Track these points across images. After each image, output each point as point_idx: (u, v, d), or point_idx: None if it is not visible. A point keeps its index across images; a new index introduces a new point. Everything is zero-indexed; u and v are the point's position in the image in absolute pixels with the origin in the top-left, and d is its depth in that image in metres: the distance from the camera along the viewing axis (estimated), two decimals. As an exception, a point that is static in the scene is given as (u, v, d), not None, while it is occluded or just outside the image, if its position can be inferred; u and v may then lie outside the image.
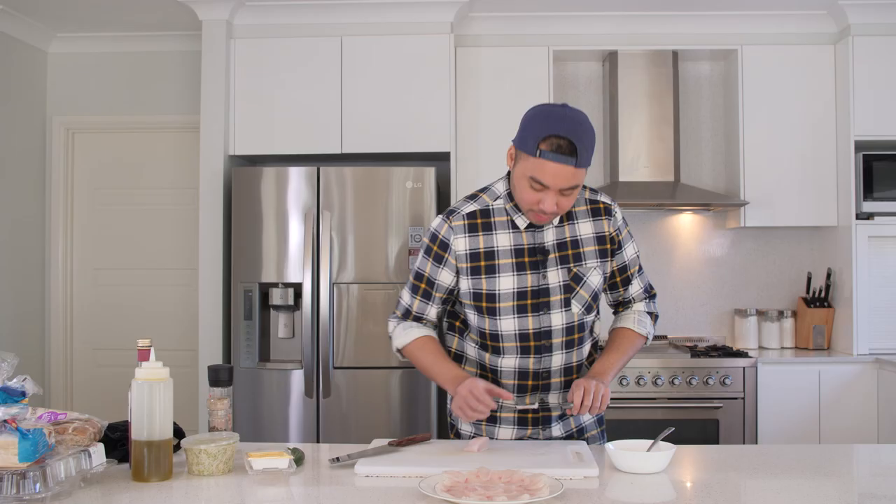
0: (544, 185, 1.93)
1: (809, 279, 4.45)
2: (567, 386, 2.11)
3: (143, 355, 1.80)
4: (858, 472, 1.88)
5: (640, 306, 2.22)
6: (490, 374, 2.13)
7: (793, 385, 3.97)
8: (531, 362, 2.08)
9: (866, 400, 3.97)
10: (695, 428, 3.88)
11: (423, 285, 2.13)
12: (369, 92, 4.15)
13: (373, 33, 4.18)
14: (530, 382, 2.10)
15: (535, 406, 2.07)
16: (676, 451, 1.82)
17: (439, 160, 4.29)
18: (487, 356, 2.12)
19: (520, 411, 2.11)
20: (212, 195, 4.11)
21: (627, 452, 1.75)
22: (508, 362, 2.09)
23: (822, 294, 4.36)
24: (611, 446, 1.80)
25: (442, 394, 4.14)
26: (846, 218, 4.16)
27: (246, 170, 3.98)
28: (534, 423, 2.11)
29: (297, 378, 3.90)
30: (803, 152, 4.26)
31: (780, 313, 4.40)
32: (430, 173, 3.93)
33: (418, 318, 2.16)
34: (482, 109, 4.28)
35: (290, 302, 3.91)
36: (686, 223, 4.63)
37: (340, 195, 3.93)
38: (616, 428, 3.81)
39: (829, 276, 4.33)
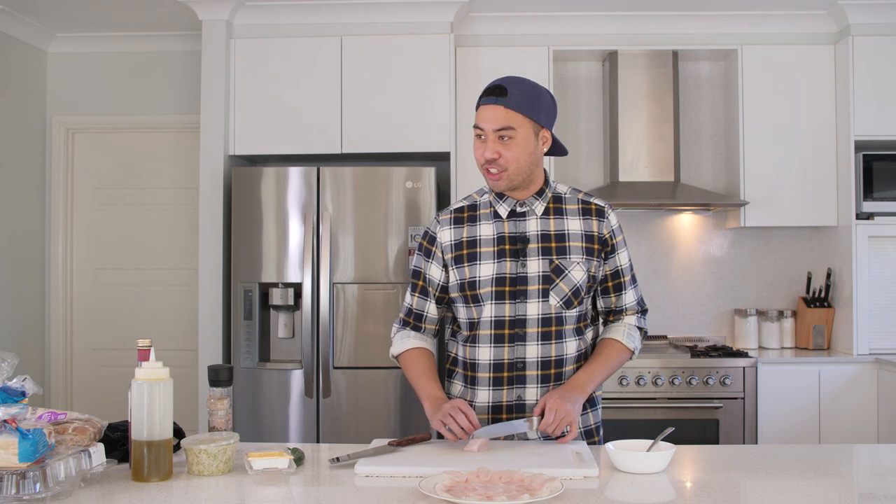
0: (482, 129, 2.03)
1: (809, 279, 4.45)
2: (544, 381, 2.10)
3: (143, 355, 1.80)
4: (858, 472, 1.88)
5: (631, 319, 2.21)
6: (470, 371, 2.14)
7: (793, 385, 3.97)
8: (505, 352, 2.09)
9: (866, 400, 3.97)
10: (695, 428, 3.89)
11: (419, 282, 2.21)
12: (369, 92, 4.15)
13: (373, 33, 4.18)
14: (505, 374, 2.10)
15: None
16: (676, 451, 1.82)
17: (439, 160, 4.29)
18: (468, 350, 2.14)
19: (493, 408, 2.12)
20: (212, 195, 4.11)
21: (627, 452, 1.75)
22: (484, 353, 2.11)
23: (822, 294, 4.36)
24: (611, 446, 1.80)
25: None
26: (846, 218, 4.16)
27: (246, 170, 3.98)
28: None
29: (297, 378, 3.90)
30: (803, 152, 4.26)
31: (780, 313, 4.40)
32: (429, 173, 3.93)
33: (419, 317, 2.21)
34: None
35: (290, 302, 3.91)
36: (686, 223, 4.63)
37: (340, 195, 3.93)
38: (616, 428, 3.83)
39: (829, 276, 4.34)
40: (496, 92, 2.00)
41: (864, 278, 4.12)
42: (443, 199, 4.29)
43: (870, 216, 4.12)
